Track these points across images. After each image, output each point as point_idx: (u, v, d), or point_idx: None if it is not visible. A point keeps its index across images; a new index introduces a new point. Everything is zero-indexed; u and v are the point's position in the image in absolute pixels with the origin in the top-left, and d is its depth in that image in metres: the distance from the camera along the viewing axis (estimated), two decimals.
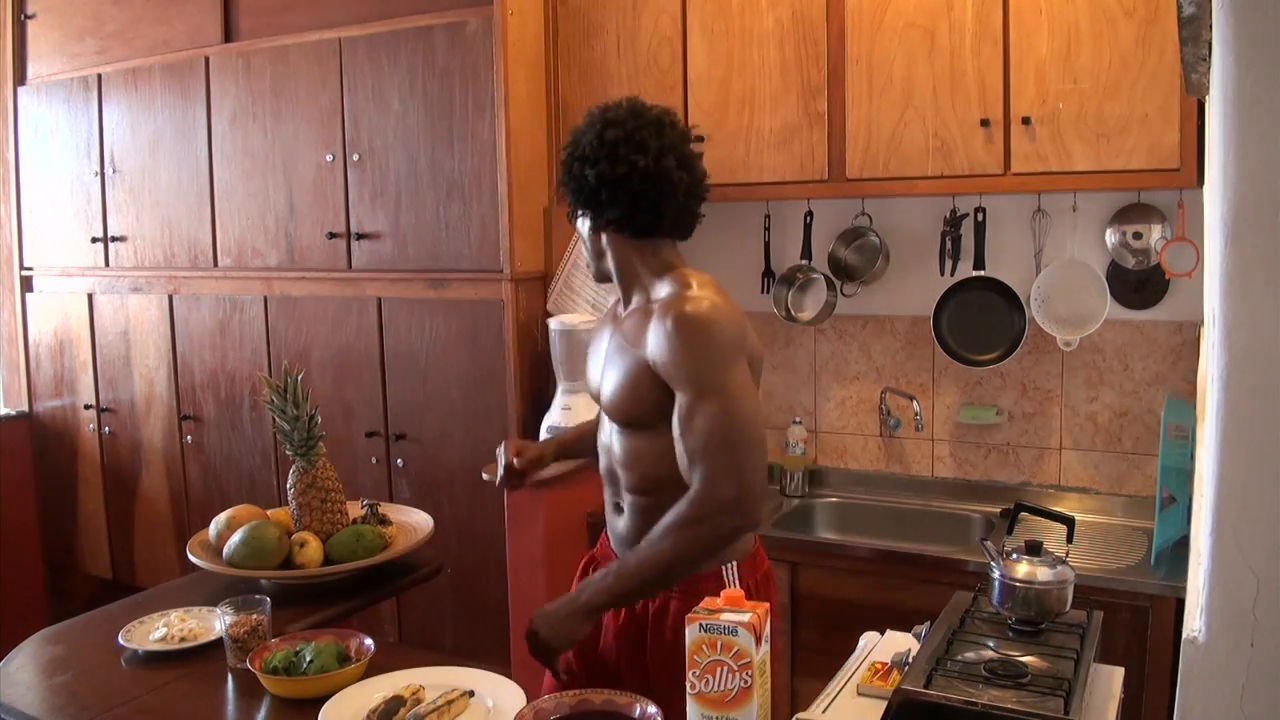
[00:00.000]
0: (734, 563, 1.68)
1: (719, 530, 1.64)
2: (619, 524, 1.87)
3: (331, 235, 3.16)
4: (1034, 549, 1.50)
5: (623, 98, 1.82)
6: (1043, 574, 1.47)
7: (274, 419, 2.15)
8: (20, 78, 3.89)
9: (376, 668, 1.66)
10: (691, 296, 1.71)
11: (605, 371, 1.81)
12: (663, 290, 1.76)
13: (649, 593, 1.72)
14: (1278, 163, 0.91)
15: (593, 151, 1.74)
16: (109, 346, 3.77)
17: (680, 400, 1.66)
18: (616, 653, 1.83)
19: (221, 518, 2.16)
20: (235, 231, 3.38)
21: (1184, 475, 2.29)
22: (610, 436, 1.84)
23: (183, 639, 1.83)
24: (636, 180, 1.72)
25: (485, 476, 2.77)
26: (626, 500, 1.83)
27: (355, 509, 2.23)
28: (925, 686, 1.31)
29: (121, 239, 3.66)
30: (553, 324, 2.83)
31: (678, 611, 1.73)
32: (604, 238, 1.82)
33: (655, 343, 1.69)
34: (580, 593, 1.69)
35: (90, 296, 3.79)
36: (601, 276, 1.89)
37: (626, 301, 1.86)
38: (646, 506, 1.79)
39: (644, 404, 1.72)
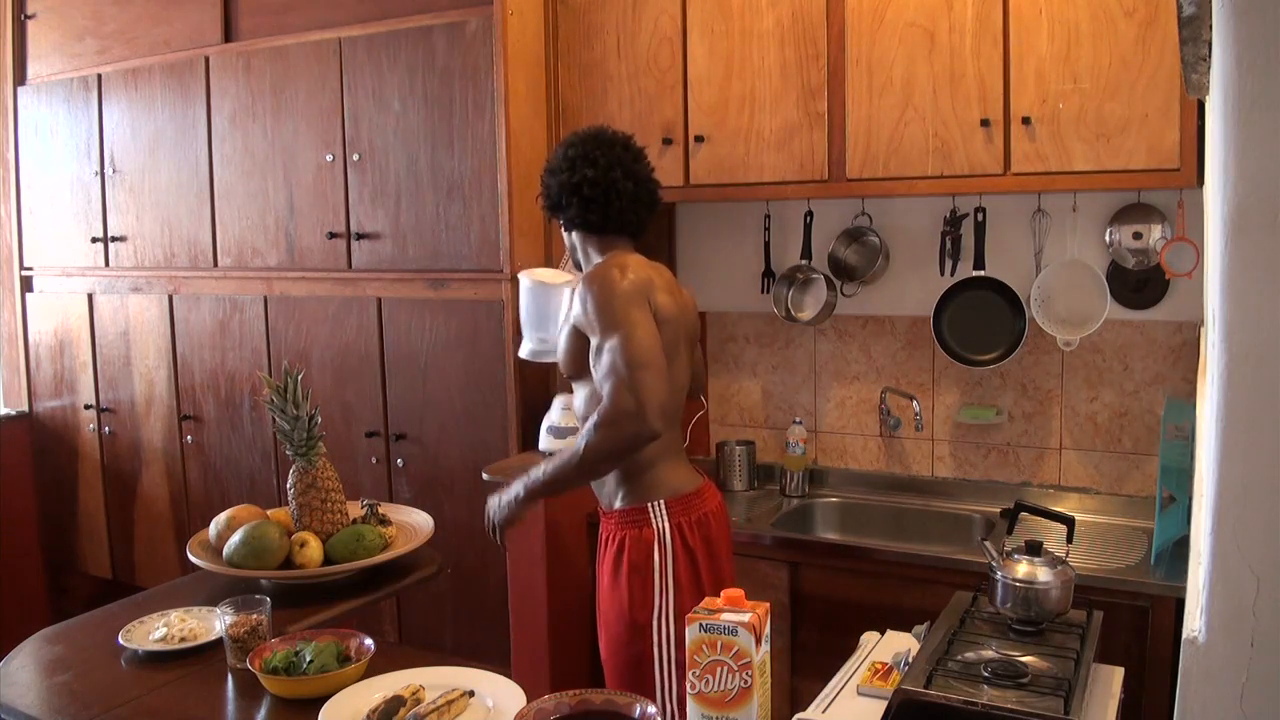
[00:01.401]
0: (661, 500, 2.11)
1: (621, 432, 1.94)
2: None
3: (331, 235, 3.16)
4: (1034, 549, 1.50)
5: (593, 126, 2.24)
6: (1043, 574, 1.47)
7: (274, 419, 2.15)
8: (20, 78, 3.89)
9: (376, 668, 1.66)
10: (601, 265, 2.12)
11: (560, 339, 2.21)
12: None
13: (570, 483, 2.09)
14: (1278, 163, 0.91)
15: (556, 165, 2.19)
16: (109, 346, 3.77)
17: (592, 344, 2.04)
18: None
19: (221, 518, 2.16)
20: (235, 231, 3.38)
21: (1184, 475, 2.29)
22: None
23: (183, 639, 1.83)
24: (586, 188, 2.13)
25: (486, 477, 2.77)
26: None
27: (355, 509, 2.23)
28: (925, 686, 1.31)
29: (121, 239, 3.66)
30: (523, 278, 2.78)
31: (610, 539, 2.15)
32: (572, 234, 2.25)
33: (574, 304, 2.08)
34: (518, 483, 2.11)
35: (90, 296, 3.79)
36: (577, 266, 2.28)
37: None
38: None
39: (579, 354, 2.09)
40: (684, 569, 2.10)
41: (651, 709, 1.36)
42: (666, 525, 2.10)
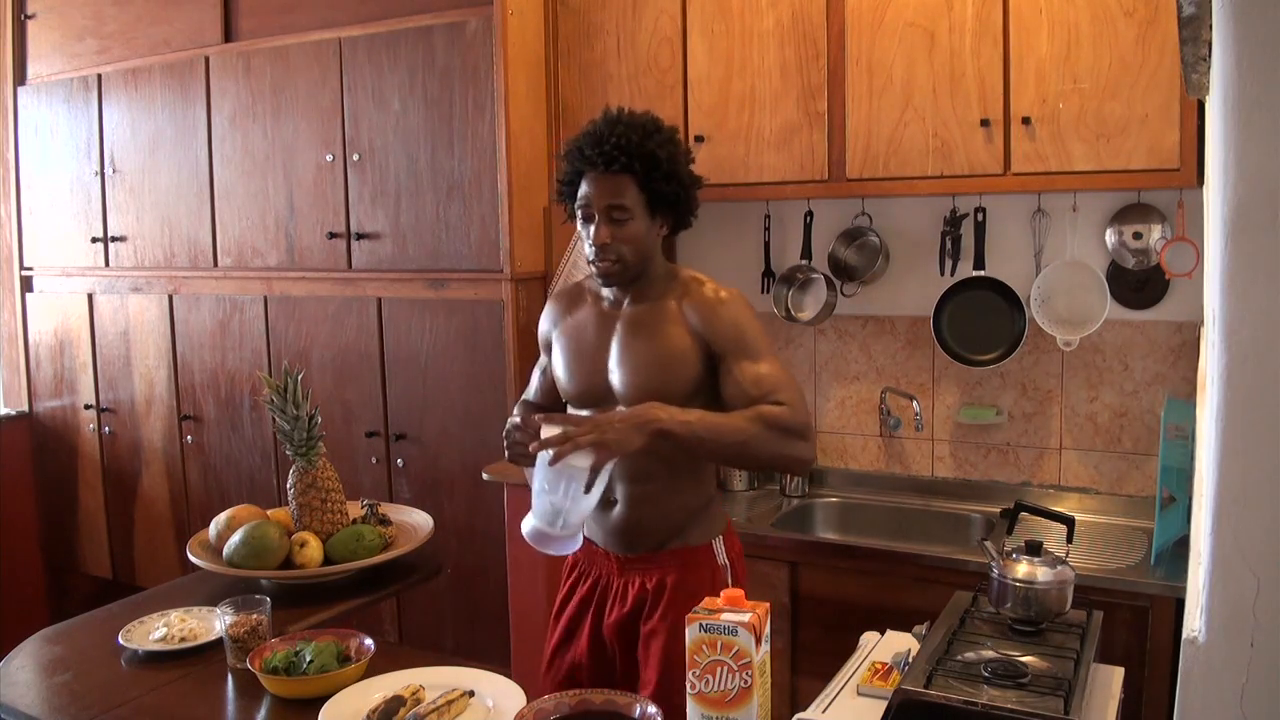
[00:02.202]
0: (721, 536, 1.94)
1: (794, 449, 1.76)
2: (610, 518, 1.93)
3: (331, 235, 3.16)
4: (1034, 549, 1.50)
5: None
6: (1043, 574, 1.47)
7: (274, 419, 2.15)
8: (20, 78, 3.89)
9: (376, 668, 1.66)
10: (714, 283, 1.92)
11: (623, 358, 1.89)
12: (684, 278, 1.94)
13: (712, 452, 1.80)
14: (1278, 163, 0.91)
15: (686, 151, 1.93)
16: (109, 346, 3.77)
17: (739, 364, 1.82)
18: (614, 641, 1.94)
19: (221, 518, 2.16)
20: (235, 231, 3.38)
21: (1184, 475, 2.29)
22: None
23: (183, 639, 1.83)
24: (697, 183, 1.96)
25: (486, 477, 2.76)
26: (623, 492, 1.91)
27: (355, 509, 2.23)
28: (925, 686, 1.31)
29: (121, 239, 3.66)
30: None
31: (675, 585, 1.87)
32: (654, 236, 1.92)
33: (708, 317, 1.85)
34: (654, 410, 1.69)
35: (90, 296, 3.79)
36: (631, 275, 1.91)
37: (627, 293, 1.95)
38: (647, 496, 1.91)
39: (683, 380, 1.83)
40: None
41: (652, 709, 1.36)
42: (728, 564, 1.95)
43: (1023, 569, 1.48)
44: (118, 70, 3.59)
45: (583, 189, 1.88)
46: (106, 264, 3.72)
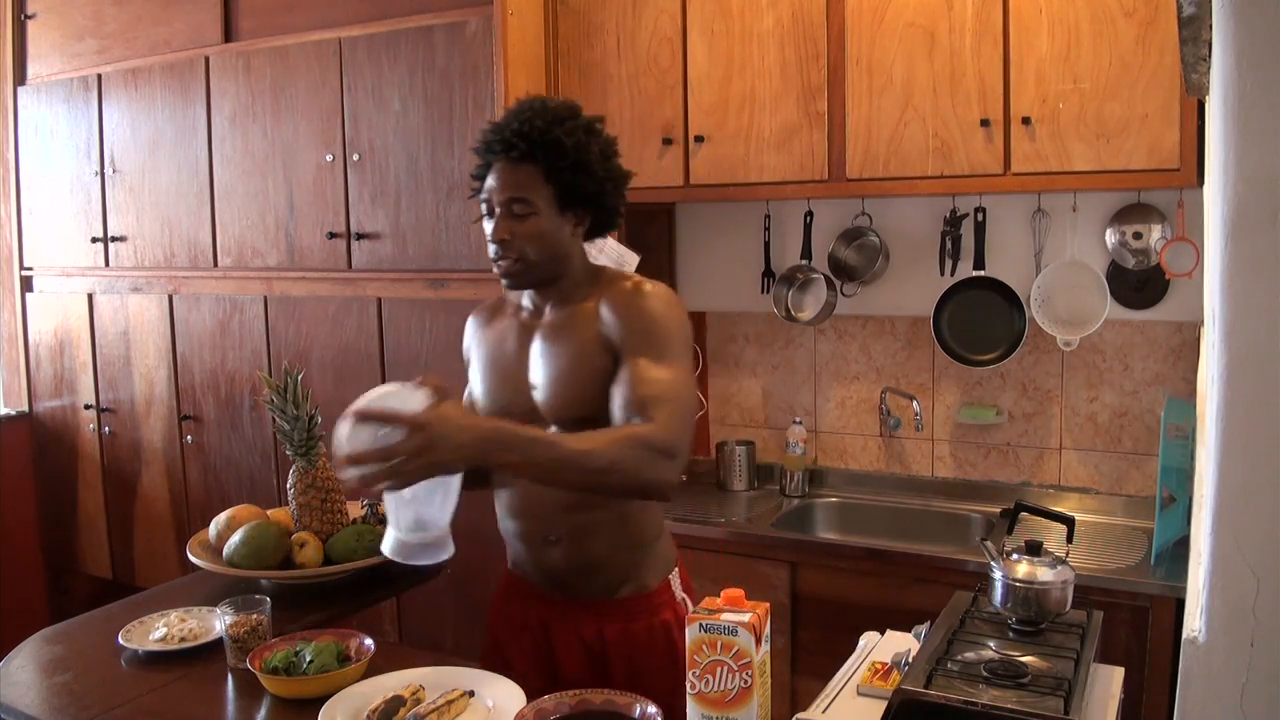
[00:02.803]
0: (675, 571, 1.81)
1: (656, 471, 1.52)
2: (551, 558, 1.77)
3: (331, 235, 3.16)
4: (1034, 549, 1.50)
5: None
6: (1043, 574, 1.47)
7: (274, 419, 2.15)
8: (20, 78, 3.89)
9: (376, 668, 1.66)
10: (656, 283, 1.74)
11: (541, 371, 1.73)
12: (608, 277, 1.77)
13: (557, 479, 1.53)
14: (1278, 163, 0.90)
15: (608, 143, 1.76)
16: (109, 346, 3.77)
17: (635, 360, 1.62)
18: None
19: (221, 518, 2.16)
20: (235, 231, 3.38)
21: (1184, 475, 2.29)
22: None
23: (183, 639, 1.83)
24: (626, 179, 1.79)
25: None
26: (563, 525, 1.74)
27: (355, 509, 2.23)
28: (925, 686, 1.31)
29: (121, 239, 3.66)
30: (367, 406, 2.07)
31: (644, 630, 1.75)
32: (574, 240, 1.75)
33: (616, 316, 1.67)
34: (499, 429, 1.47)
35: (90, 296, 3.79)
36: (536, 277, 1.75)
37: (547, 300, 1.79)
38: (591, 526, 1.73)
39: (601, 389, 1.65)
40: None
41: (652, 709, 1.36)
42: (685, 598, 1.81)
43: (1023, 569, 1.47)
44: (118, 70, 3.59)
45: (488, 181, 1.72)
46: (106, 264, 3.72)
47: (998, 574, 1.49)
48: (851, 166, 2.61)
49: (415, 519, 1.50)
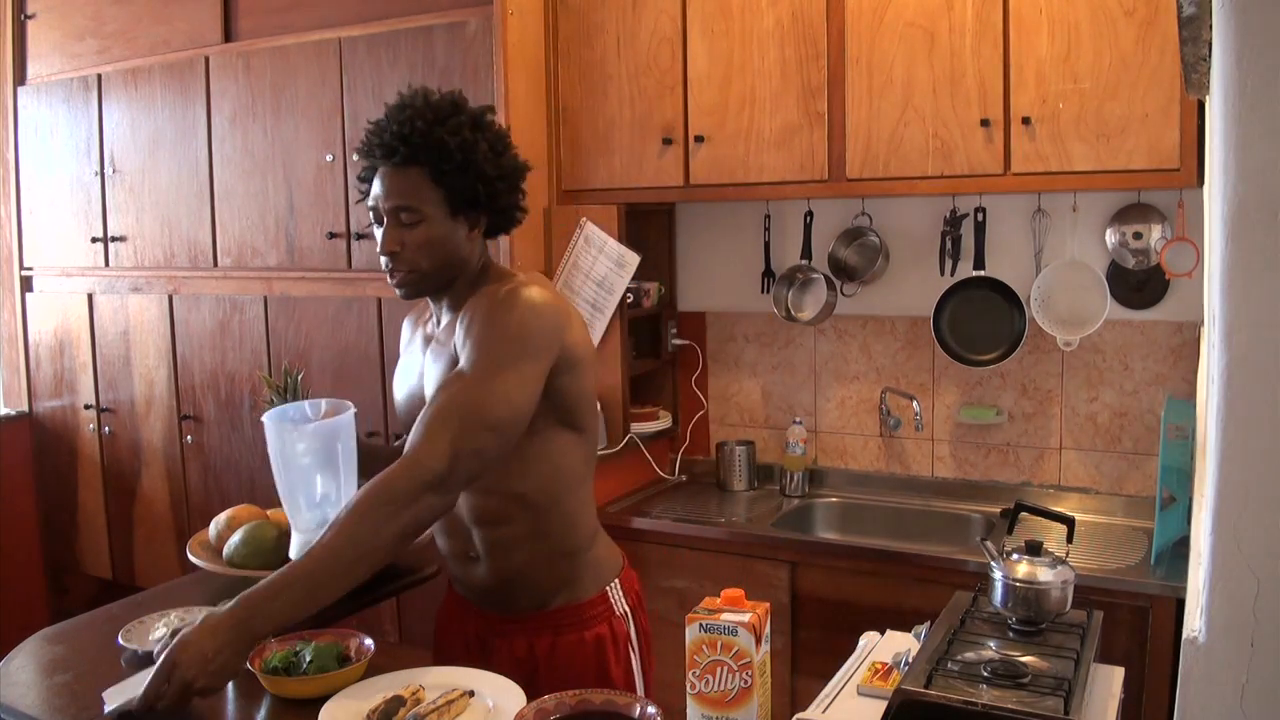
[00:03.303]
0: (617, 580, 1.73)
1: (415, 513, 1.44)
2: (476, 574, 1.74)
3: (331, 235, 3.16)
4: (1034, 549, 1.50)
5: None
6: (1043, 574, 1.47)
7: None
8: (20, 78, 3.89)
9: (376, 668, 1.66)
10: (524, 282, 1.62)
11: (429, 385, 1.66)
12: (485, 283, 1.67)
13: (338, 592, 1.46)
14: (1278, 163, 0.90)
15: (498, 138, 1.70)
16: (109, 346, 3.77)
17: (461, 365, 1.54)
18: None
19: (221, 518, 2.16)
20: (235, 231, 3.38)
21: (1184, 475, 2.29)
22: None
23: None
24: (520, 174, 1.72)
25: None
26: (479, 540, 1.71)
27: None
28: (925, 686, 1.31)
29: (121, 239, 3.66)
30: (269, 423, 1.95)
31: (573, 644, 1.70)
32: (468, 242, 1.67)
33: (465, 322, 1.57)
34: (245, 606, 1.40)
35: (90, 296, 3.79)
36: (433, 286, 1.67)
37: (440, 305, 1.73)
38: (508, 540, 1.69)
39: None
40: (647, 659, 1.75)
41: (652, 709, 1.36)
42: (627, 610, 1.74)
43: (1023, 569, 1.47)
44: (118, 70, 3.59)
45: (374, 187, 1.61)
46: (106, 264, 3.71)
47: (998, 574, 1.49)
48: (851, 166, 2.61)
49: (322, 519, 1.47)
